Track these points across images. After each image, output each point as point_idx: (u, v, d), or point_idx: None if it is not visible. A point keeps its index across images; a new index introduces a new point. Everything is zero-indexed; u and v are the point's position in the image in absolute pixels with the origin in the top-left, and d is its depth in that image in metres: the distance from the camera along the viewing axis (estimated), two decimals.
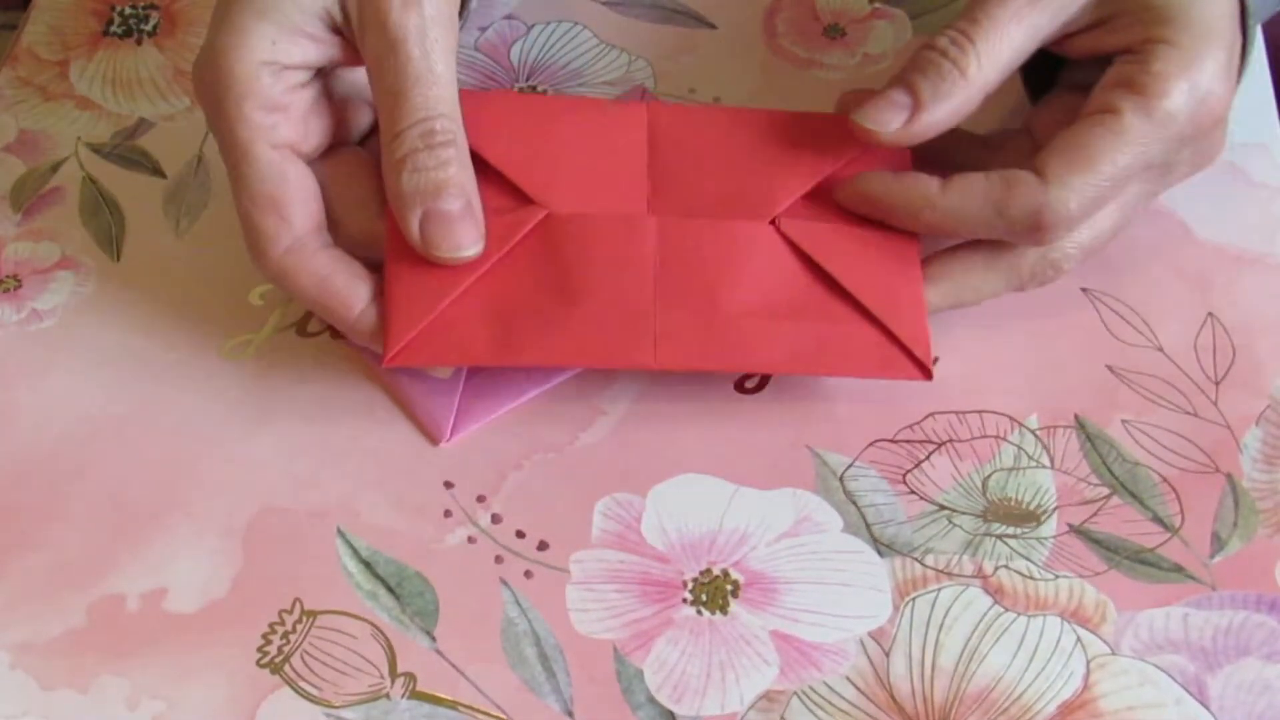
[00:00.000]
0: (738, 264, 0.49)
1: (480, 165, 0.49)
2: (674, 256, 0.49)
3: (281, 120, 0.48)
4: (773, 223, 0.50)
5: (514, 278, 0.48)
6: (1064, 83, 0.52)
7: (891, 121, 0.48)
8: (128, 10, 0.63)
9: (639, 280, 0.48)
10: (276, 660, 0.45)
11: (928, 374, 0.48)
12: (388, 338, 0.48)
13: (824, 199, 0.50)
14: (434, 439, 0.50)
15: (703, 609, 0.46)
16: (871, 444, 0.50)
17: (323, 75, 0.50)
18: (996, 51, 0.48)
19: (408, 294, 0.48)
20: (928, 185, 0.48)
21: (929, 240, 0.50)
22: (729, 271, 0.49)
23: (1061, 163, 0.47)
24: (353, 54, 0.49)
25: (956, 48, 0.48)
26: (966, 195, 0.48)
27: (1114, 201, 0.49)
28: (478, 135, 0.49)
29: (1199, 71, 0.47)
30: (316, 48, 0.48)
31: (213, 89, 0.48)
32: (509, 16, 0.62)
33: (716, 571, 0.47)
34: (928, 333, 0.49)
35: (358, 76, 0.51)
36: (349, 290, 0.48)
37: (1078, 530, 0.47)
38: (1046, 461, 0.49)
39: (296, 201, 0.48)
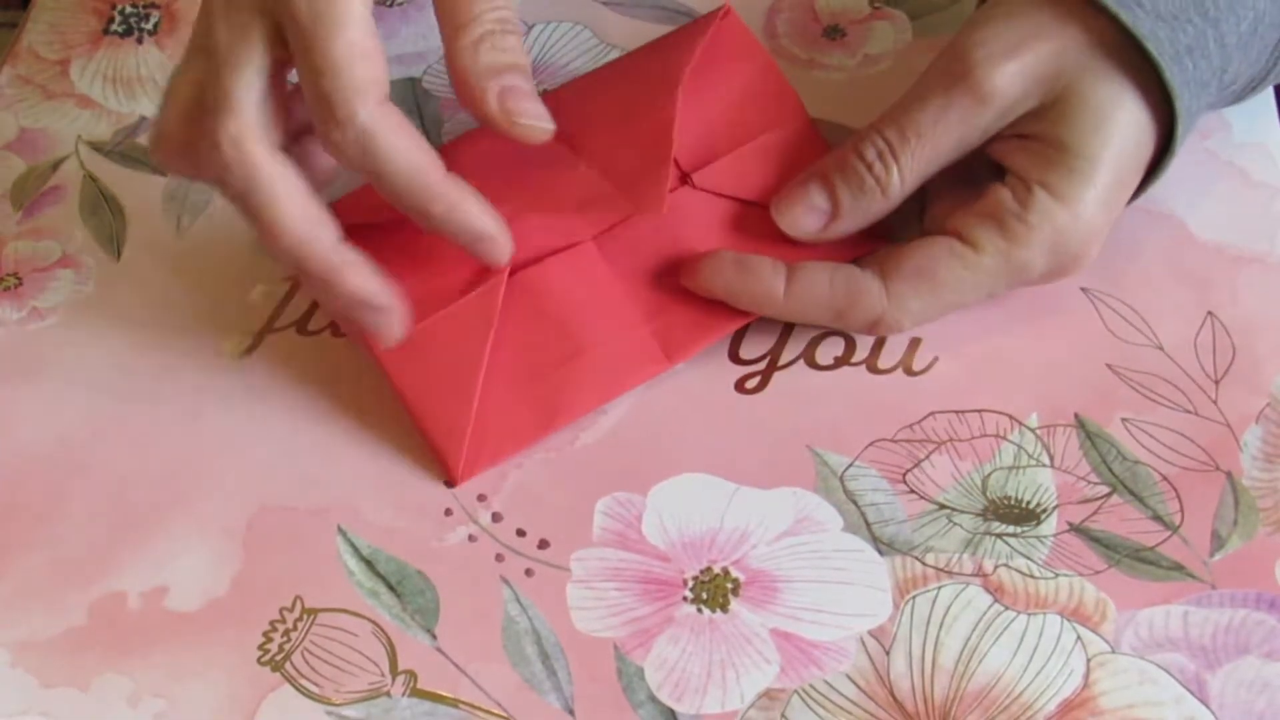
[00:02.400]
0: (684, 233, 0.51)
1: (421, 247, 0.49)
2: (628, 261, 0.50)
3: None
4: (685, 183, 0.51)
5: (516, 350, 0.49)
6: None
7: (809, 228, 0.51)
8: (128, 9, 0.63)
9: (615, 300, 0.50)
10: (277, 658, 0.45)
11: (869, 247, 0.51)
12: (447, 461, 0.48)
13: (707, 141, 0.52)
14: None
15: (703, 607, 0.46)
16: (871, 444, 0.50)
17: None
18: (920, 168, 0.49)
19: (438, 411, 0.49)
20: (772, 284, 0.49)
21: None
22: (680, 244, 0.51)
23: (907, 285, 0.49)
24: None
25: (882, 164, 0.49)
26: (809, 300, 0.49)
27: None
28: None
29: (1070, 233, 0.48)
30: None
31: None
32: None
33: (717, 570, 0.47)
34: None
35: None
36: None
37: (1078, 529, 0.47)
38: (1046, 460, 0.49)
39: (383, 57, 0.45)
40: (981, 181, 0.50)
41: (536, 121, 0.46)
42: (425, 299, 0.49)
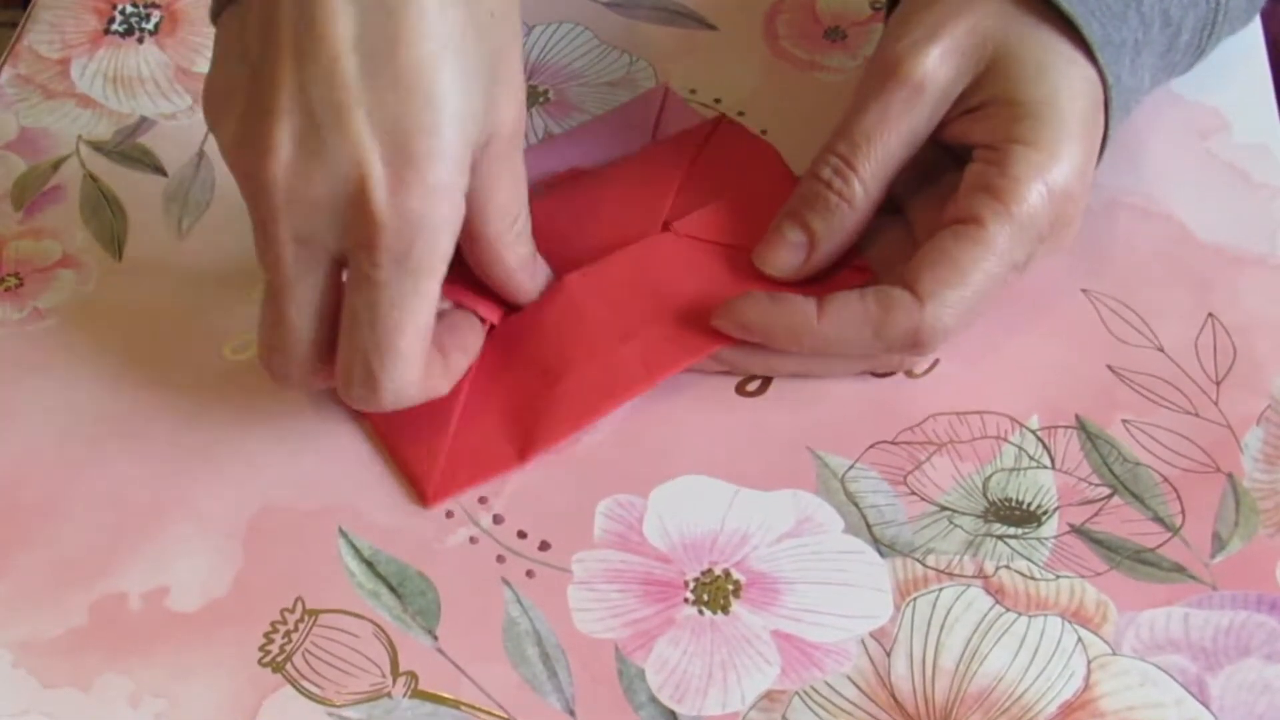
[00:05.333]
0: (663, 275, 0.51)
1: None
2: (606, 299, 0.51)
3: None
4: (666, 229, 0.53)
5: (497, 391, 0.50)
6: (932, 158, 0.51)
7: (791, 263, 0.51)
8: (129, 9, 0.63)
9: (594, 329, 0.50)
10: (278, 659, 0.45)
11: (868, 272, 0.51)
12: (415, 480, 0.49)
13: (686, 195, 0.54)
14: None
15: (704, 609, 0.46)
16: (872, 446, 0.50)
17: None
18: (878, 170, 0.49)
19: (412, 435, 0.49)
20: (805, 311, 0.48)
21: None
22: (660, 285, 0.51)
23: (933, 278, 0.47)
24: None
25: (840, 179, 0.49)
26: (844, 319, 0.48)
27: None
28: None
29: (1055, 172, 0.47)
30: None
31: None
32: None
33: (718, 572, 0.47)
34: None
35: None
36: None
37: (1079, 530, 0.47)
38: (1047, 462, 0.49)
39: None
40: (952, 178, 0.50)
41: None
42: None
